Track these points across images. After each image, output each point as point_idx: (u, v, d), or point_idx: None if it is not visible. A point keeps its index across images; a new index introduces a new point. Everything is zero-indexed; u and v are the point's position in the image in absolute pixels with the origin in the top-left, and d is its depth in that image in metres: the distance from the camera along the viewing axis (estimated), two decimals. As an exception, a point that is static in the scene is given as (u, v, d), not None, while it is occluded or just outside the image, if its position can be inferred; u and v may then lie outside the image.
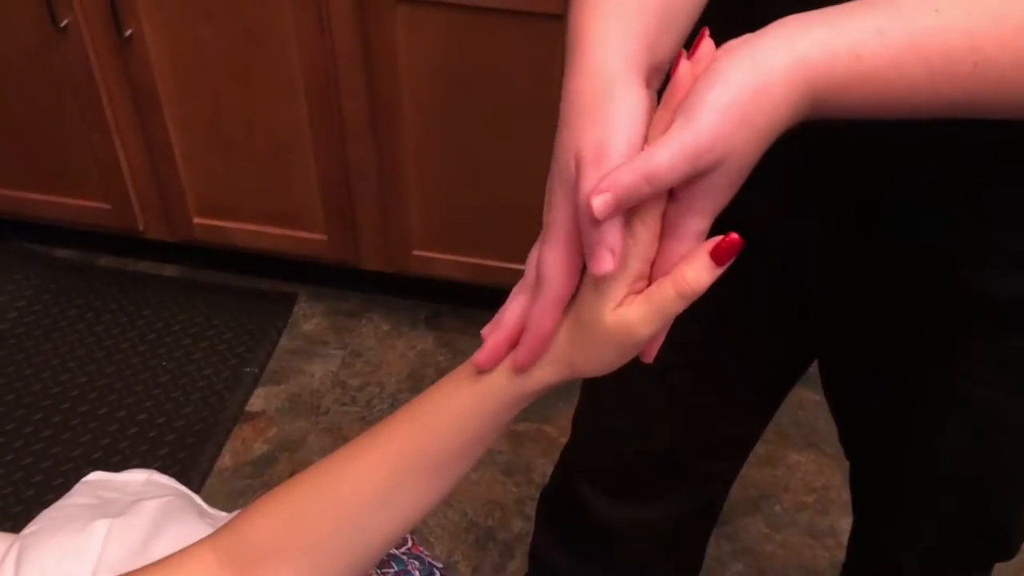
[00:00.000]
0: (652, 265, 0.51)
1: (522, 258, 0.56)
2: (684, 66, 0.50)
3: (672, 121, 0.48)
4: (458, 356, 1.84)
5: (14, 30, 1.67)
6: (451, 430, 0.55)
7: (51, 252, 2.04)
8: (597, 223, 0.49)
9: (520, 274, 0.56)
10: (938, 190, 0.67)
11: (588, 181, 0.50)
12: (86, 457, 1.65)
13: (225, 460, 1.68)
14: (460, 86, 1.58)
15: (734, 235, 0.49)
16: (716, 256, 0.50)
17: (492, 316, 0.57)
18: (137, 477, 0.85)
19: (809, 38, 0.48)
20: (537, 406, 1.95)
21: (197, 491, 1.63)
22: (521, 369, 0.54)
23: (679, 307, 0.50)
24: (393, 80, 1.58)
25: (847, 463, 1.01)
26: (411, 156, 1.67)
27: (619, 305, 0.51)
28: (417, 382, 1.82)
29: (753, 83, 0.47)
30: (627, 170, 0.48)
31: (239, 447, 1.71)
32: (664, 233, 0.51)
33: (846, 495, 1.66)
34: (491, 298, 0.59)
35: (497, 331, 0.55)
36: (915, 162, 0.66)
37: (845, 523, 1.60)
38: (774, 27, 0.49)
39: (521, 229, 1.71)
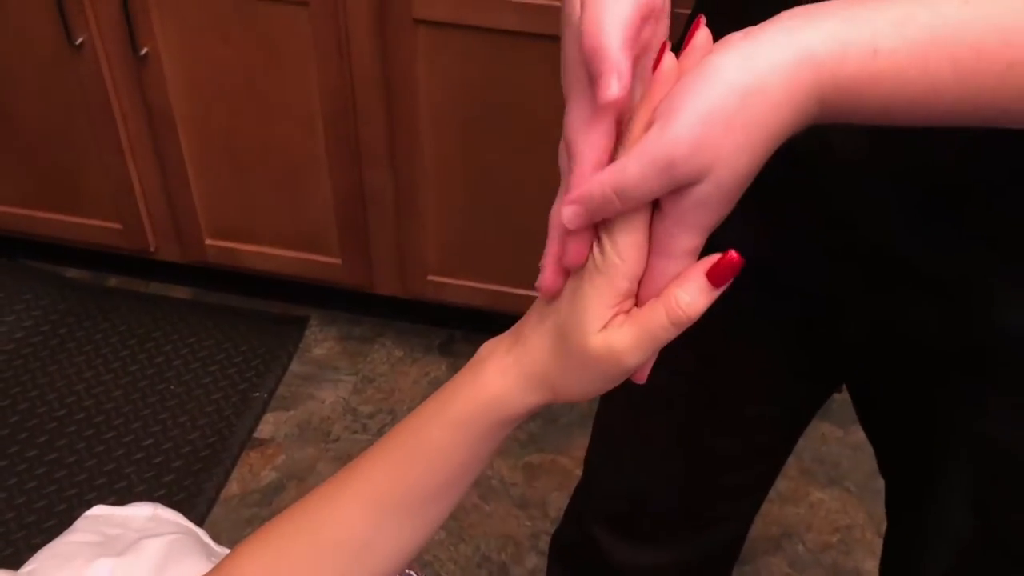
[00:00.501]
0: (640, 283, 0.47)
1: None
2: (668, 60, 0.44)
3: (651, 123, 0.43)
4: (472, 384, 1.80)
5: (28, 47, 1.66)
6: (430, 466, 0.52)
7: (61, 272, 2.01)
8: (595, 61, 0.44)
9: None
10: (948, 211, 0.63)
11: (588, 19, 0.46)
12: (90, 483, 1.62)
13: (232, 488, 1.64)
14: (479, 110, 1.55)
15: (733, 253, 0.45)
16: (713, 277, 0.45)
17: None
18: (142, 512, 0.81)
19: (817, 30, 0.42)
20: (553, 437, 1.91)
21: (202, 519, 1.60)
22: (576, 264, 0.48)
23: (671, 334, 0.46)
24: (412, 103, 1.55)
25: (872, 502, 0.98)
26: (428, 180, 1.64)
27: (605, 327, 0.47)
28: (429, 410, 1.78)
29: (744, 83, 0.42)
30: (596, 183, 0.44)
31: (246, 474, 1.67)
32: (652, 249, 0.46)
33: (871, 535, 1.62)
34: (506, 325, 0.55)
35: (549, 243, 0.50)
36: (923, 181, 0.62)
37: (870, 564, 1.55)
38: (778, 19, 0.44)
39: (539, 256, 1.68)
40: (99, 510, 0.81)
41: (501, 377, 0.51)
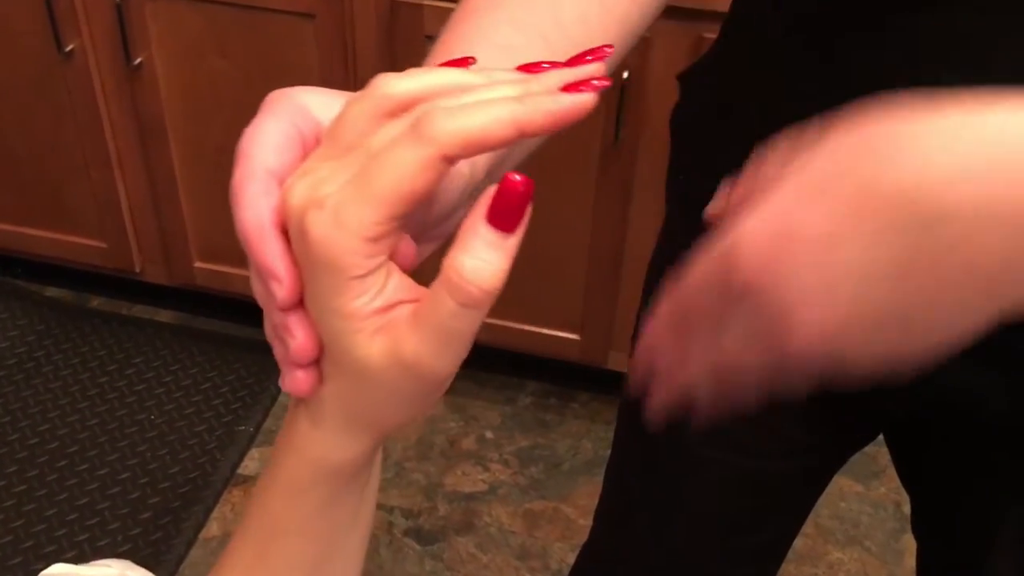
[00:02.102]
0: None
1: (546, 321, 0.43)
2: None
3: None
4: (470, 422, 1.70)
5: (14, 53, 1.58)
6: (288, 546, 0.42)
7: (42, 291, 1.92)
8: (253, 258, 0.36)
9: (544, 338, 0.42)
10: None
11: (239, 200, 0.37)
12: (61, 518, 1.52)
13: (212, 528, 1.54)
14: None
15: (512, 176, 0.33)
16: (497, 219, 0.33)
17: (510, 382, 0.43)
18: (107, 572, 0.71)
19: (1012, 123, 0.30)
20: (555, 484, 1.80)
21: (180, 561, 1.50)
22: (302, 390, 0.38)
23: (470, 318, 0.34)
24: (419, 124, 1.47)
25: (893, 563, 0.90)
26: (433, 207, 1.56)
27: (377, 331, 0.35)
28: (425, 449, 1.68)
29: (825, 174, 0.31)
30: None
31: (228, 514, 1.57)
32: None
33: (893, 600, 1.53)
34: (510, 362, 0.46)
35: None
36: None
37: (894, 633, 1.45)
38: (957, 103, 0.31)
39: (545, 290, 1.60)
40: (59, 569, 0.71)
41: (314, 429, 0.40)
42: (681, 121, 0.73)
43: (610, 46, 0.36)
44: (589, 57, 0.35)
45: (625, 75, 1.33)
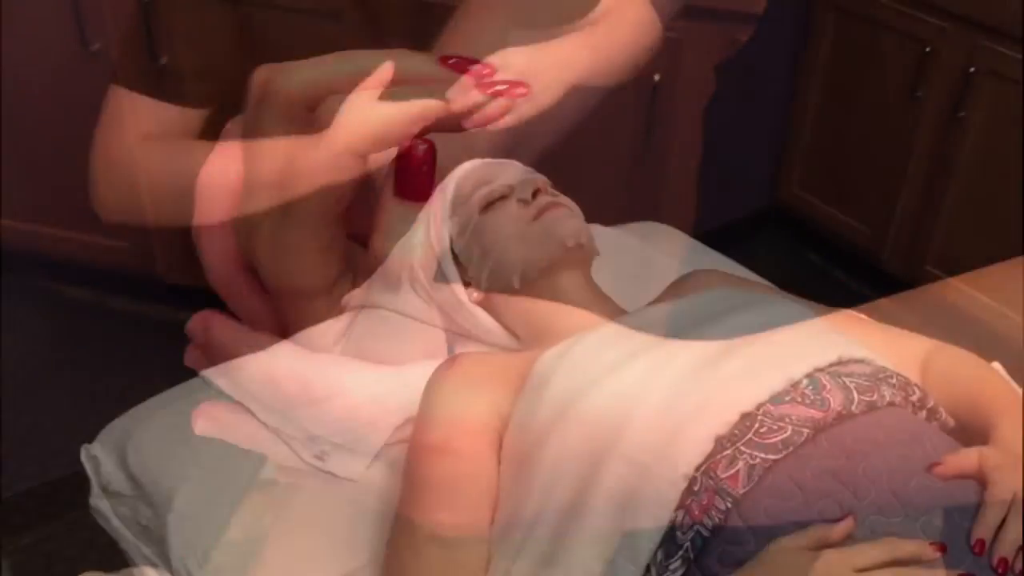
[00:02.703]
0: None
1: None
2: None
3: None
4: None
5: (41, 51, 1.58)
6: None
7: (62, 291, 1.93)
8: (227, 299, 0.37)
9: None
10: None
11: (206, 246, 0.37)
12: (82, 521, 1.51)
13: (233, 532, 1.53)
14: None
15: (414, 144, 0.34)
16: (405, 190, 0.37)
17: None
18: (138, 579, 0.70)
19: None
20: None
21: (200, 567, 1.48)
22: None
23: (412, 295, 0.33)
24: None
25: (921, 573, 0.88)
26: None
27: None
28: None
29: None
30: None
31: (248, 519, 1.55)
32: None
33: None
34: None
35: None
36: None
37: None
38: None
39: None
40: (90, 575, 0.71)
41: None
42: (717, 110, 0.72)
43: (526, 86, 0.36)
44: (501, 90, 0.35)
45: (656, 77, 1.31)
